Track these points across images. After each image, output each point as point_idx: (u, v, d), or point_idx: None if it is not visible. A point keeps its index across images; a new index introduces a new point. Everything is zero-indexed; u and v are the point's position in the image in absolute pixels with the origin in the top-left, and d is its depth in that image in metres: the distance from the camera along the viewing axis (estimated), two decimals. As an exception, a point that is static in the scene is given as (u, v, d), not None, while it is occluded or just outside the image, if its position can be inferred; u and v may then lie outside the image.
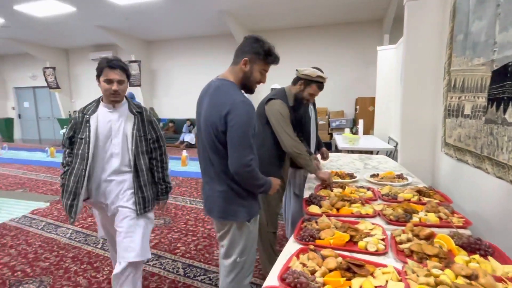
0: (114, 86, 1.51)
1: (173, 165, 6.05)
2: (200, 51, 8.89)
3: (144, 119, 1.66)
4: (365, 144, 3.93)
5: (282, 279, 0.96)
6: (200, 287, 2.03)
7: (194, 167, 5.94)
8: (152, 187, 1.70)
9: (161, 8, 6.22)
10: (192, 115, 7.07)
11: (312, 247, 1.15)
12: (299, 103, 1.95)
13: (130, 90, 8.51)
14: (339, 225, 1.34)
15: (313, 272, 1.00)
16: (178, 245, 2.64)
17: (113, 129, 1.58)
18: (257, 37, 1.32)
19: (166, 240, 2.73)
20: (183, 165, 6.00)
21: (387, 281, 0.93)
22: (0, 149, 7.78)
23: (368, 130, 5.53)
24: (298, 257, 1.11)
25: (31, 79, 11.18)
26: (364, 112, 5.94)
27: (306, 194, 1.82)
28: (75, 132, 1.59)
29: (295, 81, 1.96)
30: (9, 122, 11.64)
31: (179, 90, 9.39)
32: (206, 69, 8.89)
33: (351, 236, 1.24)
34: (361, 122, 4.95)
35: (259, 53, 1.29)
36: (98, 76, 1.55)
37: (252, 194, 1.35)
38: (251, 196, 1.34)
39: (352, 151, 3.83)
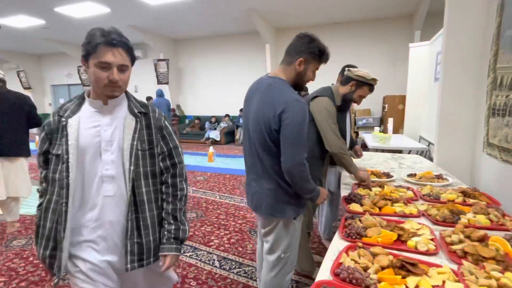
0: (114, 74, 0.96)
1: (200, 161, 6.19)
2: (225, 49, 8.98)
3: (150, 124, 1.09)
4: (397, 143, 3.82)
5: (335, 274, 0.97)
6: (236, 279, 2.08)
7: (220, 163, 6.04)
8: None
9: (190, 7, 6.34)
10: (217, 112, 7.21)
11: (360, 244, 1.15)
12: (347, 103, 1.91)
13: (159, 87, 8.81)
14: (384, 223, 1.33)
15: (365, 268, 1.00)
16: (212, 238, 2.71)
17: (103, 139, 1.01)
18: (312, 36, 1.32)
19: (200, 232, 2.81)
20: (210, 161, 6.11)
21: (444, 282, 0.92)
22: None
23: (398, 129, 5.37)
24: (347, 254, 1.11)
25: (66, 77, 11.79)
26: (393, 111, 5.77)
27: (345, 193, 1.81)
28: (51, 145, 1.04)
29: (345, 81, 1.88)
30: (46, 117, 12.31)
31: (204, 88, 9.55)
32: (231, 67, 8.99)
33: (399, 235, 1.23)
34: (390, 121, 4.82)
35: (314, 53, 1.30)
36: (85, 57, 0.97)
37: None
38: (298, 194, 1.35)
39: (382, 150, 3.75)
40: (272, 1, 6.08)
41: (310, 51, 1.30)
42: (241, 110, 8.72)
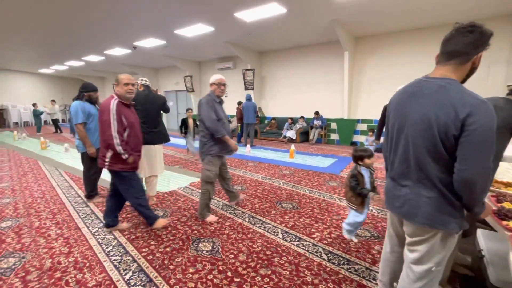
0: None
1: (282, 157, 6.10)
2: (304, 58, 8.70)
3: None
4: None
5: None
6: (349, 276, 1.87)
7: (300, 159, 5.85)
8: None
9: (280, 22, 6.25)
10: (293, 114, 6.97)
11: None
12: None
13: (246, 93, 9.09)
14: None
15: None
16: (313, 230, 2.54)
17: None
18: (479, 25, 1.01)
19: (300, 224, 2.68)
20: (291, 157, 5.97)
21: None
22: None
23: None
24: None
25: (174, 85, 13.10)
26: None
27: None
28: None
29: None
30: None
31: (283, 93, 9.46)
32: (308, 74, 8.66)
33: None
34: None
35: (487, 43, 1.03)
36: None
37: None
38: (464, 206, 1.07)
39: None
40: (356, 11, 5.57)
41: (485, 42, 1.02)
42: (316, 113, 8.35)
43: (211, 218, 2.75)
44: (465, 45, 1.03)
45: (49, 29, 6.98)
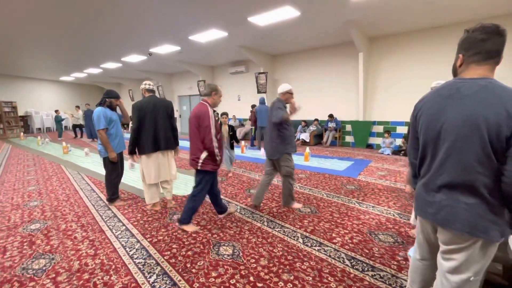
0: None
1: (297, 160, 6.05)
2: (318, 60, 8.64)
3: None
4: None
5: None
6: (374, 283, 1.82)
7: (316, 162, 5.79)
8: None
9: (294, 24, 6.24)
10: (307, 116, 6.90)
11: None
12: None
13: (261, 95, 9.07)
14: None
15: None
16: (333, 235, 2.50)
17: None
18: (502, 29, 1.03)
19: (320, 228, 2.64)
20: (306, 160, 5.92)
21: None
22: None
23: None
24: None
25: (188, 90, 13.32)
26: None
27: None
28: None
29: None
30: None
31: (296, 96, 9.30)
32: (322, 76, 8.58)
33: None
34: None
35: None
36: None
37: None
38: (507, 212, 1.02)
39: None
40: (371, 11, 5.49)
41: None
42: (330, 115, 8.25)
43: (296, 205, 3.19)
44: (501, 45, 1.04)
45: (70, 38, 7.29)
